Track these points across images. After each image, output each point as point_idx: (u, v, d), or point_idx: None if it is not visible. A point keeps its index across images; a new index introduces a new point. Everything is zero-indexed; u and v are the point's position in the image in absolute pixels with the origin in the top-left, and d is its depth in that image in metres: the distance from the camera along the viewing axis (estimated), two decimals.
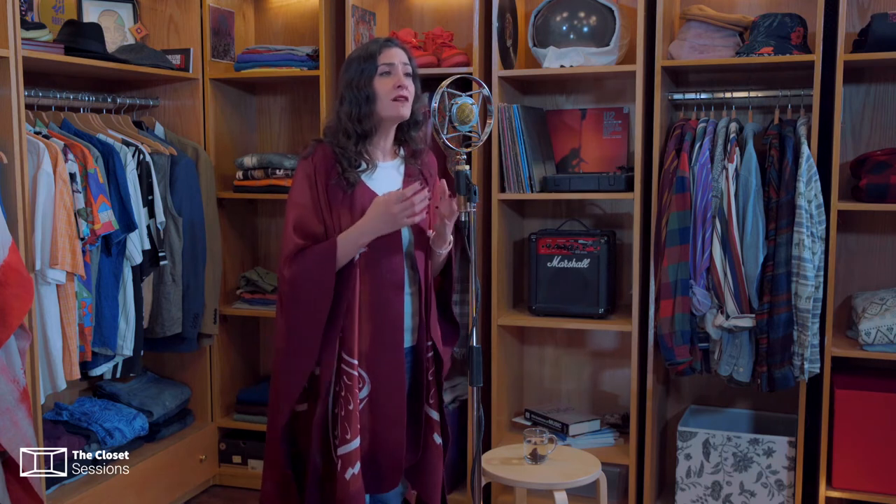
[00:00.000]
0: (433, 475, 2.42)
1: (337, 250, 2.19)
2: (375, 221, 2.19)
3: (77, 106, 3.33)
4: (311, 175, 2.26)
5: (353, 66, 2.29)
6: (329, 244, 2.20)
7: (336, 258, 2.19)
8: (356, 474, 2.23)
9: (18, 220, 2.69)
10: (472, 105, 2.22)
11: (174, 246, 3.36)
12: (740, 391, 3.46)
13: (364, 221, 2.21)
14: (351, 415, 2.23)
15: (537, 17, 3.31)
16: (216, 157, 3.72)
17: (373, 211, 2.20)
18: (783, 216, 2.92)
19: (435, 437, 2.42)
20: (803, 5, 3.21)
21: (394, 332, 2.29)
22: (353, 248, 2.21)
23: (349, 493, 2.22)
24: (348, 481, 2.22)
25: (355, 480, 2.23)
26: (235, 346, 3.93)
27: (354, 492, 2.23)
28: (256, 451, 3.74)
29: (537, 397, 3.75)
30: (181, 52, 3.63)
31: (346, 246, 2.20)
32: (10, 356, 2.54)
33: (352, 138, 2.27)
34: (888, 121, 3.25)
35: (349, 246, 2.21)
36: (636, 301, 3.19)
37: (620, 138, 3.49)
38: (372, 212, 2.20)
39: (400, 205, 2.16)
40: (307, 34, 3.88)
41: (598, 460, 2.85)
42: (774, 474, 3.10)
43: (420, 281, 2.35)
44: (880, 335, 2.96)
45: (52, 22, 3.34)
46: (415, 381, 2.40)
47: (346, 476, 2.22)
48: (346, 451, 2.23)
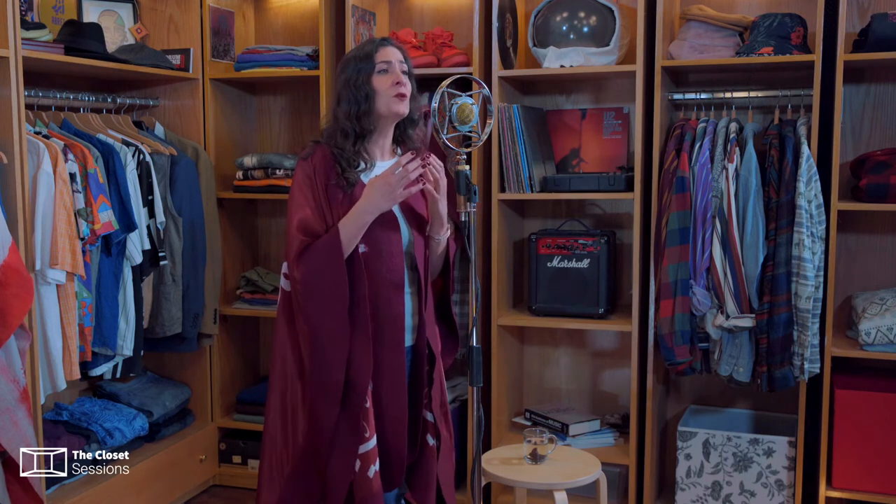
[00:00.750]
0: (426, 478, 2.41)
1: (341, 237, 2.19)
2: (374, 197, 2.19)
3: (77, 106, 3.33)
4: (311, 176, 2.27)
5: (351, 66, 2.29)
6: (331, 235, 2.20)
7: (342, 245, 2.19)
8: (378, 472, 2.23)
9: (18, 220, 2.69)
10: (472, 105, 2.22)
11: (174, 246, 3.36)
12: (740, 391, 3.46)
13: (362, 201, 2.20)
14: (367, 412, 2.24)
15: (537, 17, 3.31)
16: (216, 157, 3.72)
17: (369, 189, 2.20)
18: (783, 216, 2.92)
19: (428, 439, 2.42)
20: (803, 5, 3.21)
21: (395, 332, 2.29)
22: (355, 230, 2.21)
23: (372, 492, 2.22)
24: (371, 479, 2.22)
25: (377, 478, 2.23)
26: (235, 346, 3.93)
27: (377, 490, 2.23)
28: (256, 451, 3.73)
29: (537, 397, 3.75)
30: (181, 52, 3.63)
31: (349, 230, 2.20)
32: (10, 356, 2.54)
33: (350, 138, 2.27)
34: (888, 121, 3.25)
35: (351, 229, 2.20)
36: (636, 301, 3.19)
37: (620, 138, 3.49)
38: (368, 189, 2.20)
39: (395, 175, 2.17)
40: (307, 34, 3.88)
41: (598, 460, 2.85)
42: (774, 474, 3.10)
43: (420, 280, 2.35)
44: (880, 335, 2.96)
45: (52, 22, 3.34)
46: (413, 381, 2.40)
47: (369, 474, 2.22)
48: (366, 450, 2.23)
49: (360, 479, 2.23)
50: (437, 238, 2.37)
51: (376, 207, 2.20)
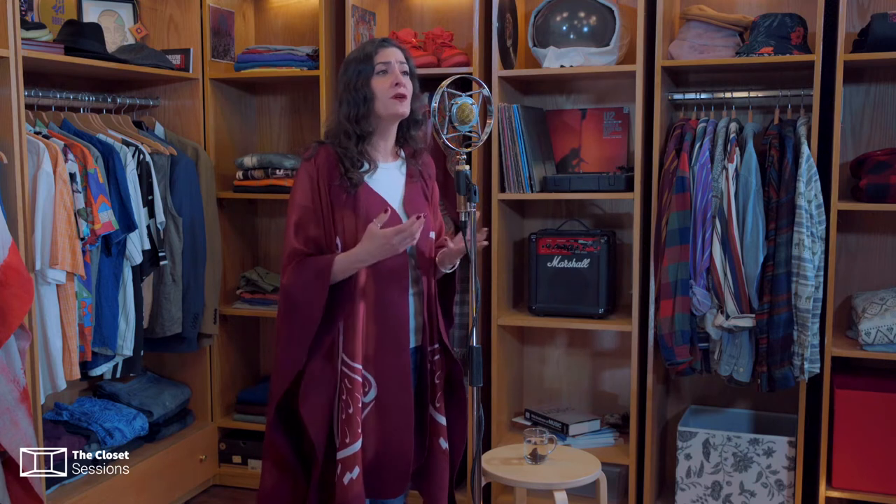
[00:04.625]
0: (438, 481, 2.40)
1: (332, 268, 2.19)
2: (373, 251, 2.18)
3: (77, 106, 3.33)
4: (314, 176, 2.26)
5: (351, 68, 2.30)
6: (326, 262, 2.21)
7: (331, 275, 2.19)
8: (354, 479, 2.22)
9: (18, 220, 2.69)
10: (472, 105, 2.22)
11: (174, 246, 3.36)
12: (740, 391, 3.46)
13: (361, 250, 2.19)
14: (351, 419, 2.23)
15: (537, 17, 3.31)
16: (216, 157, 3.72)
17: (369, 242, 2.17)
18: (783, 216, 2.92)
19: (441, 442, 2.40)
20: (803, 5, 3.21)
21: (398, 333, 2.29)
22: (349, 270, 2.22)
23: (347, 498, 2.22)
24: (346, 486, 2.22)
25: (353, 485, 2.22)
26: (235, 346, 3.93)
27: (353, 496, 2.22)
28: (256, 451, 3.73)
29: (537, 397, 3.75)
30: (181, 52, 3.63)
31: (343, 266, 2.20)
32: (10, 356, 2.54)
33: (352, 139, 2.27)
34: (888, 121, 3.25)
35: (346, 268, 2.21)
36: (636, 301, 3.19)
37: (620, 138, 3.49)
38: (368, 243, 2.18)
39: (399, 236, 2.15)
40: (307, 34, 3.88)
41: (598, 460, 2.85)
42: (774, 474, 3.10)
43: (423, 281, 2.35)
44: (880, 335, 2.96)
45: (52, 22, 3.34)
46: (419, 383, 2.39)
47: (345, 481, 2.22)
48: (346, 455, 2.22)
49: (338, 485, 2.23)
50: (442, 270, 2.40)
51: (375, 259, 2.21)
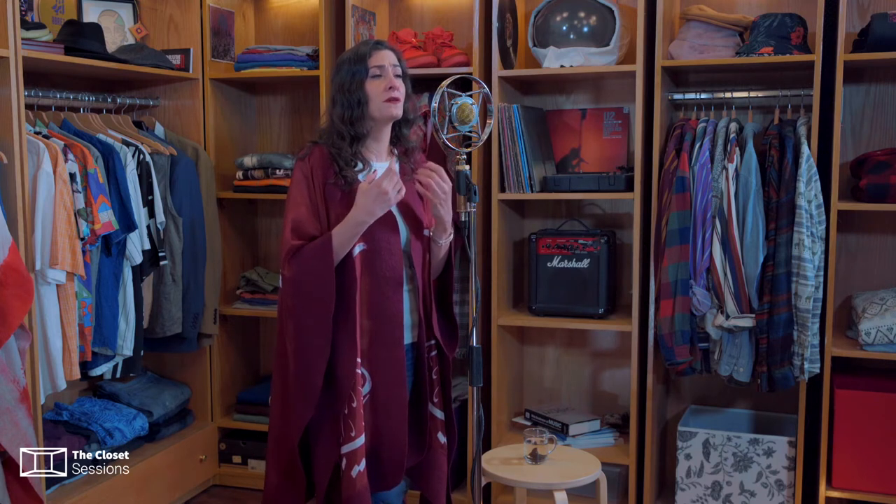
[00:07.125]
0: (437, 475, 2.43)
1: (333, 243, 2.20)
2: (368, 204, 2.18)
3: (77, 106, 3.33)
4: (309, 176, 2.28)
5: (344, 69, 2.31)
6: (324, 239, 2.21)
7: (333, 251, 2.20)
8: (362, 472, 2.25)
9: (18, 220, 2.69)
10: (472, 105, 2.23)
11: (174, 246, 3.36)
12: (740, 391, 3.46)
13: (356, 209, 2.20)
14: (355, 412, 2.25)
15: (537, 17, 3.31)
16: (216, 157, 3.72)
17: (362, 196, 2.19)
18: (783, 216, 2.92)
19: (439, 437, 2.44)
20: (803, 5, 3.21)
21: (393, 329, 2.30)
22: (349, 236, 2.21)
23: (356, 491, 2.24)
24: (354, 479, 2.24)
25: (361, 478, 2.25)
26: (235, 346, 3.93)
27: (361, 489, 2.24)
28: (256, 451, 3.73)
29: (537, 397, 3.75)
30: (181, 52, 3.63)
31: (342, 235, 2.21)
32: (10, 356, 2.54)
33: (346, 140, 2.29)
34: (888, 121, 3.25)
35: (345, 235, 2.21)
36: (636, 301, 3.19)
37: (620, 138, 3.49)
38: (362, 197, 2.19)
39: (387, 180, 2.16)
40: (307, 34, 3.88)
41: (598, 460, 2.85)
42: (774, 474, 3.10)
43: (417, 278, 2.36)
44: (880, 335, 2.96)
45: (52, 22, 3.34)
46: (417, 379, 2.41)
47: (353, 474, 2.24)
48: (351, 449, 2.24)
49: (345, 478, 2.25)
50: (438, 242, 2.38)
51: (371, 214, 2.21)
